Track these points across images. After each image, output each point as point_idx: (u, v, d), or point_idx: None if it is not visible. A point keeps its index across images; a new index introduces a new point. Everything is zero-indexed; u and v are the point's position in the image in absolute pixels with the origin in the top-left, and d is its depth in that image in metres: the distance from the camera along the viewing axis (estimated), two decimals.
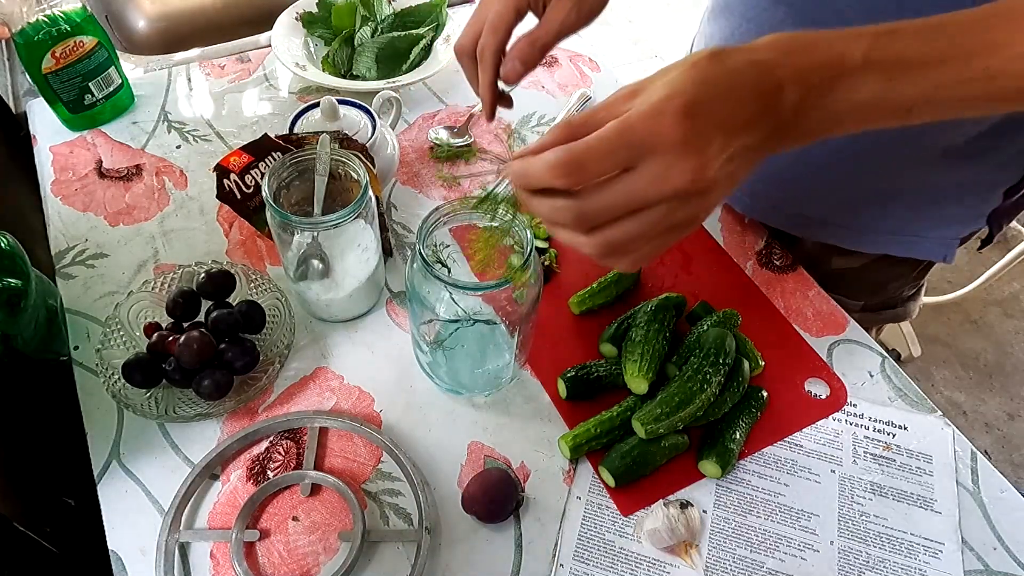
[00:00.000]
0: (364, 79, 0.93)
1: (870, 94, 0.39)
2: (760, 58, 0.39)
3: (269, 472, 0.61)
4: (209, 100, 0.93)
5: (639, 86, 0.40)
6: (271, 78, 0.96)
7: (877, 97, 0.39)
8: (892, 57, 0.39)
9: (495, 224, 0.53)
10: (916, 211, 0.74)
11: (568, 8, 0.56)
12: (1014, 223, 2.08)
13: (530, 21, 0.59)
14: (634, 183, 0.38)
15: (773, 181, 0.76)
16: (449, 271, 0.59)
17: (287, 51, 0.93)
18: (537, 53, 0.57)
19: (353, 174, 0.63)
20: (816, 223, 0.78)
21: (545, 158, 0.39)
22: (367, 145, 0.73)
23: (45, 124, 0.88)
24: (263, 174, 0.70)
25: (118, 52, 0.88)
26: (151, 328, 0.65)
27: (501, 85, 0.60)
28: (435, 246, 0.57)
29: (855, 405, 0.67)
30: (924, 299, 1.83)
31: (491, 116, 0.63)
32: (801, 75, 0.39)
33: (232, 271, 0.69)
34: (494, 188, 0.51)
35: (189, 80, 0.95)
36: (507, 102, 0.63)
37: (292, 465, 0.62)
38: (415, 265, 0.55)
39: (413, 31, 0.95)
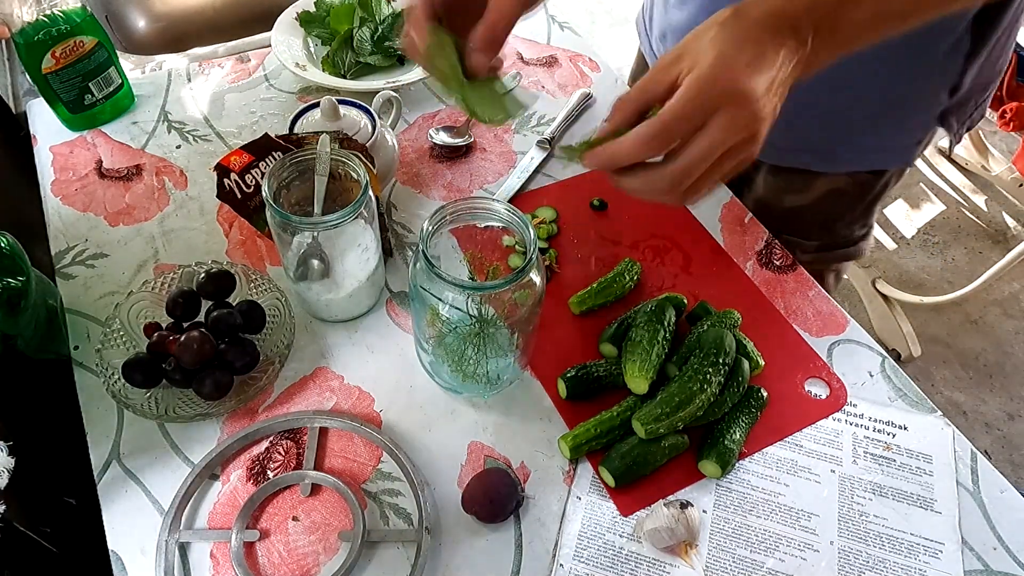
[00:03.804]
0: (364, 79, 0.93)
1: (869, 12, 0.48)
2: (774, 7, 0.46)
3: (269, 472, 0.61)
4: (209, 100, 0.93)
5: (680, 51, 0.46)
6: (271, 78, 0.96)
7: (875, 13, 0.48)
8: None
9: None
10: (874, 121, 0.78)
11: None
12: (1012, 223, 2.08)
13: None
14: (711, 138, 0.45)
15: None
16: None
17: (287, 51, 0.93)
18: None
19: (353, 174, 0.63)
20: (788, 151, 0.83)
21: (636, 137, 0.46)
22: (367, 145, 0.73)
23: (45, 124, 0.88)
24: (263, 174, 0.70)
25: (118, 52, 0.88)
26: (151, 328, 0.65)
27: None
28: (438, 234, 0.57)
29: (855, 405, 0.67)
30: (924, 299, 1.83)
31: None
32: (809, 12, 0.46)
33: (232, 271, 0.69)
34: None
35: (189, 80, 0.95)
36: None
37: (292, 465, 0.62)
38: (418, 265, 0.55)
39: None
